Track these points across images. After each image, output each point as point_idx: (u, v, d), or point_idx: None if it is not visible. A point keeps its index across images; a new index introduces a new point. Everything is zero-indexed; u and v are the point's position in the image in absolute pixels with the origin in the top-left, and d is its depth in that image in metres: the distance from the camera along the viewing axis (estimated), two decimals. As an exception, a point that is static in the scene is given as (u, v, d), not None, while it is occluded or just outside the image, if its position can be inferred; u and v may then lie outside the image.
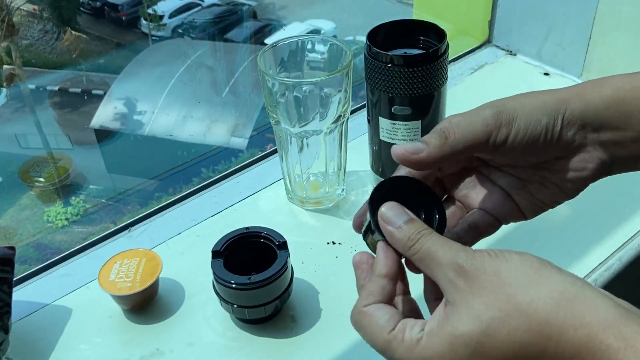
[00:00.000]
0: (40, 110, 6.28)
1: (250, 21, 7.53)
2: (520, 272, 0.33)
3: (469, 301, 0.33)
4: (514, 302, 0.32)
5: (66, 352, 0.57)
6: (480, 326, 0.32)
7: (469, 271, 0.33)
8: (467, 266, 0.33)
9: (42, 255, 4.91)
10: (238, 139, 5.90)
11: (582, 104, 0.39)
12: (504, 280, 0.33)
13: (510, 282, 0.33)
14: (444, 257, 0.34)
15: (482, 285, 0.33)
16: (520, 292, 0.32)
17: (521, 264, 0.33)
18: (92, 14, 7.48)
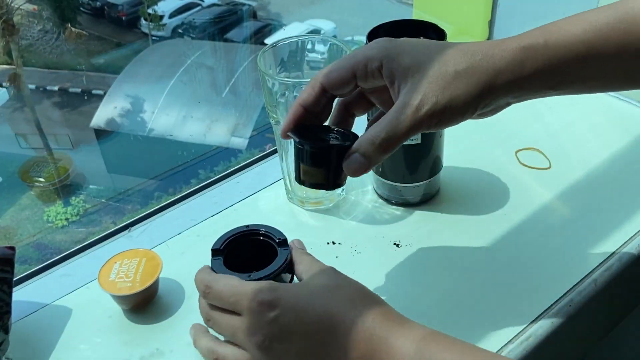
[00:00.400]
0: (40, 110, 6.28)
1: (250, 21, 7.53)
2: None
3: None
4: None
5: (66, 352, 0.57)
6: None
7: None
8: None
9: (42, 255, 4.91)
10: (238, 139, 5.90)
11: (509, 77, 0.44)
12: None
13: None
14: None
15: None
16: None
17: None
18: (92, 14, 7.47)
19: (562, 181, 0.72)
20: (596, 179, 0.73)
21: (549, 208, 0.69)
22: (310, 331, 0.43)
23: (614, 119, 0.82)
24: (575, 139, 0.79)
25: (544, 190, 0.71)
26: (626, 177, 0.73)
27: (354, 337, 0.42)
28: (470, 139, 0.78)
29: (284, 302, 0.43)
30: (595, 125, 0.81)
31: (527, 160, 0.75)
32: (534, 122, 0.82)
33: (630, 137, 0.78)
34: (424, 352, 0.41)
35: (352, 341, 0.42)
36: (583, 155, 0.76)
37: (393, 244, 0.65)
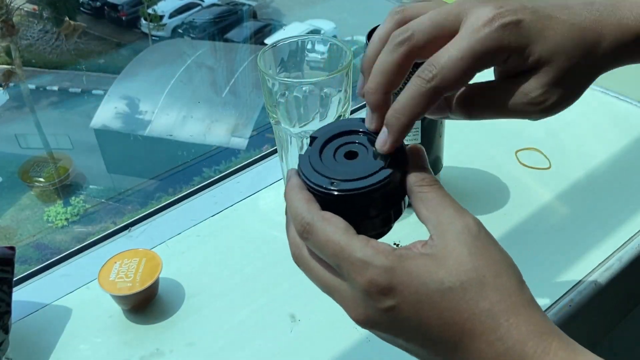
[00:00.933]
0: (40, 110, 6.28)
1: (250, 21, 7.53)
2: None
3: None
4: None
5: (66, 352, 0.57)
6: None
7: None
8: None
9: (42, 255, 4.91)
10: (238, 139, 5.90)
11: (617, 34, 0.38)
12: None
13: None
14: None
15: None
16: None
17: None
18: (92, 14, 7.48)
19: (562, 181, 0.72)
20: (596, 179, 0.73)
21: (549, 208, 0.69)
22: (430, 337, 0.33)
23: (614, 119, 0.82)
24: (575, 139, 0.79)
25: (544, 190, 0.71)
26: (626, 177, 0.73)
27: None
28: (470, 139, 0.78)
29: (404, 295, 0.33)
30: (595, 125, 0.81)
31: (527, 160, 0.75)
32: (534, 122, 0.82)
33: (630, 137, 0.78)
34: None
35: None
36: (583, 155, 0.76)
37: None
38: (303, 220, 0.36)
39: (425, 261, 0.33)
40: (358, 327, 0.56)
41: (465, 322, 0.32)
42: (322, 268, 0.36)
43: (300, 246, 0.38)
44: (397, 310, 0.33)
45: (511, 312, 0.32)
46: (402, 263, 0.33)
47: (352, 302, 0.35)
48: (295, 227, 0.36)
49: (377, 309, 0.34)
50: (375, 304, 0.33)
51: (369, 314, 0.34)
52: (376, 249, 0.34)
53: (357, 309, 0.35)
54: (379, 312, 0.34)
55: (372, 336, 0.56)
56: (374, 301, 0.33)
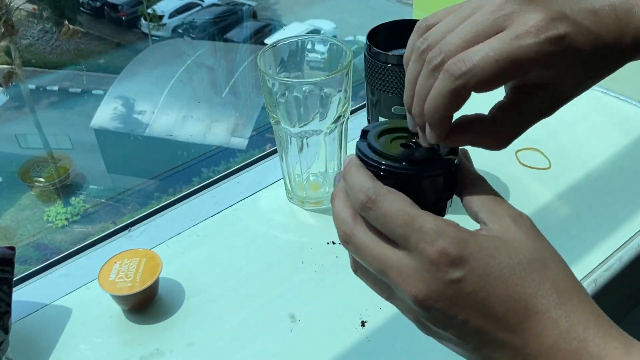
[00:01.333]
0: (40, 110, 6.29)
1: (250, 21, 7.54)
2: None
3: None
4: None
5: (66, 352, 0.57)
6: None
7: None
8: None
9: (42, 255, 4.92)
10: (238, 139, 5.90)
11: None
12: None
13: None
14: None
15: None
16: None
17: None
18: (92, 14, 7.49)
19: (562, 181, 0.72)
20: (596, 179, 0.73)
21: (549, 208, 0.69)
22: (493, 314, 0.33)
23: (614, 119, 0.82)
24: (575, 139, 0.79)
25: (544, 190, 0.71)
26: (626, 177, 0.73)
27: (552, 344, 0.32)
28: (470, 139, 0.78)
29: (473, 266, 0.33)
30: (595, 125, 0.81)
31: (527, 160, 0.75)
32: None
33: (630, 137, 0.78)
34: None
35: (547, 347, 0.32)
36: (583, 155, 0.76)
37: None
38: (368, 190, 0.35)
39: (492, 239, 0.34)
40: (358, 327, 0.57)
41: (532, 297, 0.33)
42: (379, 243, 0.35)
43: (353, 224, 0.36)
44: (463, 282, 0.33)
45: (573, 292, 0.33)
46: (473, 236, 0.34)
47: (414, 276, 0.33)
48: (357, 199, 0.35)
49: (444, 281, 0.33)
50: (443, 275, 0.33)
51: (433, 287, 0.33)
52: (446, 222, 0.34)
53: (418, 283, 0.33)
54: (444, 284, 0.33)
55: (372, 336, 0.56)
56: (442, 272, 0.33)
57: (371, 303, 0.59)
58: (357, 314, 0.58)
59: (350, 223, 0.36)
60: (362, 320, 0.57)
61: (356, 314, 0.58)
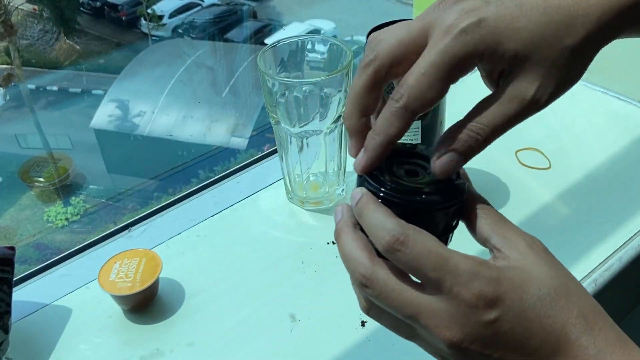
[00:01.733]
0: (40, 110, 6.29)
1: (250, 21, 7.54)
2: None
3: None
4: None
5: (66, 352, 0.57)
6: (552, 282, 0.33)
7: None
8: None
9: (42, 255, 4.92)
10: (238, 139, 5.90)
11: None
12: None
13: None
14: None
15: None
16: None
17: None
18: (92, 14, 7.48)
19: (562, 181, 0.72)
20: (596, 179, 0.73)
21: (549, 208, 0.69)
22: (529, 348, 0.33)
23: (614, 119, 0.82)
24: (575, 139, 0.79)
25: (544, 190, 0.71)
26: (626, 177, 0.73)
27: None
28: (470, 139, 0.78)
29: (509, 304, 0.32)
30: (595, 125, 0.81)
31: (527, 160, 0.75)
32: (534, 122, 0.82)
33: (630, 137, 0.78)
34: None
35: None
36: (583, 155, 0.76)
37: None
38: (395, 230, 0.33)
39: (518, 272, 0.33)
40: (358, 327, 0.57)
41: (563, 328, 0.32)
42: (405, 286, 0.33)
43: (372, 266, 0.34)
44: (500, 322, 0.32)
45: (598, 316, 0.33)
46: (504, 274, 0.33)
47: (448, 321, 0.32)
48: (381, 239, 0.33)
49: (481, 323, 0.32)
50: (480, 317, 0.32)
51: (469, 330, 0.32)
52: (477, 261, 0.33)
53: (453, 327, 0.32)
54: (481, 326, 0.32)
55: (372, 336, 0.56)
56: (479, 315, 0.32)
57: (371, 303, 0.59)
58: (357, 314, 0.58)
59: (369, 265, 0.34)
60: (362, 320, 0.57)
61: (356, 314, 0.58)
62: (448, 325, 0.32)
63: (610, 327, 0.33)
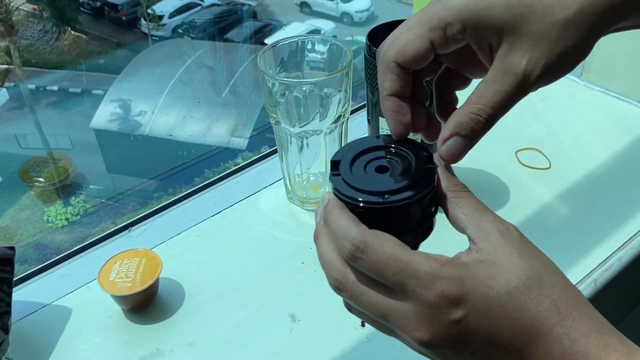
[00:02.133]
0: (40, 110, 6.28)
1: (250, 21, 7.53)
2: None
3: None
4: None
5: (66, 352, 0.57)
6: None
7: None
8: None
9: (42, 255, 4.91)
10: (238, 139, 5.90)
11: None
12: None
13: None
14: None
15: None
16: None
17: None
18: (92, 14, 7.48)
19: (562, 181, 0.72)
20: (596, 179, 0.73)
21: (549, 208, 0.69)
22: (499, 342, 0.33)
23: (614, 119, 0.82)
24: (575, 139, 0.79)
25: (544, 190, 0.71)
26: (626, 177, 0.73)
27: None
28: (470, 139, 0.78)
29: (473, 302, 0.33)
30: (595, 125, 0.81)
31: (527, 160, 0.75)
32: (534, 122, 0.82)
33: (630, 137, 0.78)
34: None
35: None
36: (583, 155, 0.76)
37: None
38: (355, 239, 0.33)
39: (485, 266, 0.33)
40: (358, 327, 0.57)
41: (533, 321, 0.33)
42: (373, 291, 0.34)
43: (343, 270, 0.35)
44: (466, 320, 0.32)
45: (573, 306, 0.33)
46: (468, 271, 0.33)
47: (415, 322, 0.33)
48: (344, 248, 0.34)
49: (446, 322, 0.33)
50: (445, 317, 0.32)
51: (436, 330, 0.33)
52: (439, 260, 0.33)
53: (421, 327, 0.33)
54: (448, 326, 0.33)
55: (372, 336, 0.56)
56: (444, 314, 0.32)
57: (371, 303, 0.59)
58: (357, 314, 0.58)
59: (341, 269, 0.35)
60: (362, 320, 0.57)
61: (356, 314, 0.58)
62: (416, 326, 0.33)
63: (587, 317, 0.33)
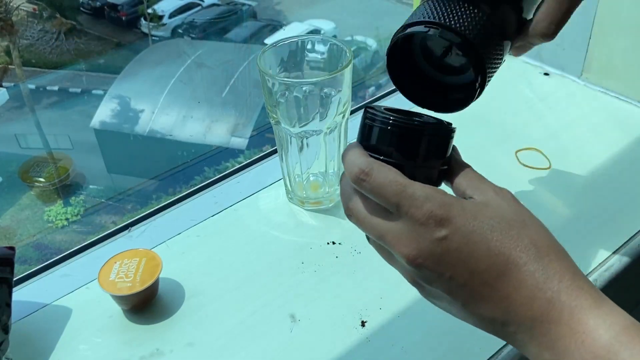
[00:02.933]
0: (40, 110, 6.29)
1: (250, 21, 7.54)
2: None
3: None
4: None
5: (66, 352, 0.57)
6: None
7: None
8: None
9: (42, 255, 4.92)
10: (238, 139, 5.90)
11: None
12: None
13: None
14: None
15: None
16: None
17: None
18: (92, 14, 7.48)
19: (562, 181, 0.72)
20: (596, 179, 0.73)
21: (549, 208, 0.69)
22: (476, 268, 0.36)
23: (614, 119, 0.82)
24: (575, 139, 0.79)
25: (544, 190, 0.71)
26: (626, 177, 0.73)
27: (529, 293, 0.35)
28: (470, 139, 0.78)
29: (457, 225, 0.36)
30: (595, 125, 0.81)
31: (527, 160, 0.75)
32: (534, 122, 0.82)
33: (630, 137, 0.78)
34: (621, 346, 0.33)
35: (525, 297, 0.35)
36: (583, 155, 0.76)
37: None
38: (361, 164, 0.39)
39: (475, 203, 0.38)
40: (358, 327, 0.57)
41: (511, 252, 0.36)
42: (374, 216, 0.39)
43: (354, 198, 0.41)
44: (449, 240, 0.36)
45: (552, 251, 0.37)
46: (458, 201, 0.38)
47: (405, 238, 0.37)
48: (352, 173, 0.39)
49: (431, 239, 0.37)
50: (431, 234, 0.37)
51: (422, 246, 0.37)
52: (434, 189, 0.38)
53: (410, 244, 0.37)
54: (432, 242, 0.37)
55: (372, 336, 0.56)
56: (430, 232, 0.37)
57: (371, 303, 0.59)
58: (357, 314, 0.58)
59: (351, 197, 0.41)
60: (362, 320, 0.57)
61: (356, 314, 0.58)
62: (406, 243, 0.37)
63: (564, 261, 0.37)
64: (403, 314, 0.58)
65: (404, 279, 0.62)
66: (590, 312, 0.34)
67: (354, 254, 0.64)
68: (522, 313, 0.36)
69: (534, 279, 0.35)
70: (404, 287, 0.61)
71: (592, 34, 0.84)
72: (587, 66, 0.86)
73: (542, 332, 0.35)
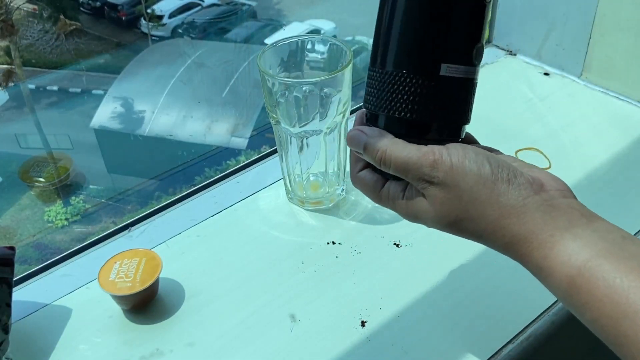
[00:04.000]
0: (40, 110, 6.28)
1: (250, 21, 7.53)
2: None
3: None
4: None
5: (66, 352, 0.57)
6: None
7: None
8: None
9: (42, 255, 4.91)
10: (238, 139, 5.90)
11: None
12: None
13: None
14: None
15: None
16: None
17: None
18: (92, 14, 7.48)
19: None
20: (596, 179, 0.73)
21: (549, 208, 0.69)
22: (467, 186, 0.44)
23: (614, 119, 0.82)
24: (575, 139, 0.79)
25: (544, 190, 0.71)
26: (626, 177, 0.73)
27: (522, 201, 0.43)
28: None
29: (446, 167, 0.45)
30: (595, 125, 0.81)
31: (527, 160, 0.75)
32: (534, 122, 0.82)
33: (630, 137, 0.78)
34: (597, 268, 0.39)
35: (518, 205, 0.43)
36: (583, 155, 0.76)
37: (393, 244, 0.65)
38: (379, 147, 0.45)
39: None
40: (358, 327, 0.57)
41: (509, 177, 0.45)
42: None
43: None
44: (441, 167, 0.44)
45: (548, 189, 0.46)
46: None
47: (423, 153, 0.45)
48: (370, 156, 0.45)
49: (427, 173, 0.44)
50: (426, 170, 0.44)
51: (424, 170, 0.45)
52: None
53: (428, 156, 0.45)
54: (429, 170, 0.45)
55: (372, 336, 0.56)
56: (425, 168, 0.44)
57: (371, 303, 0.59)
58: (357, 314, 0.58)
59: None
60: (362, 320, 0.57)
61: (356, 314, 0.58)
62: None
63: (560, 195, 0.45)
64: (403, 314, 0.58)
65: (404, 279, 0.62)
66: (576, 224, 0.43)
67: (354, 254, 0.64)
68: (497, 219, 0.44)
69: (527, 190, 0.44)
70: (404, 287, 0.61)
71: (592, 34, 0.84)
72: (587, 66, 0.86)
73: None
